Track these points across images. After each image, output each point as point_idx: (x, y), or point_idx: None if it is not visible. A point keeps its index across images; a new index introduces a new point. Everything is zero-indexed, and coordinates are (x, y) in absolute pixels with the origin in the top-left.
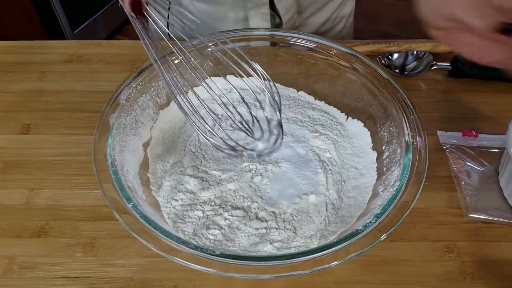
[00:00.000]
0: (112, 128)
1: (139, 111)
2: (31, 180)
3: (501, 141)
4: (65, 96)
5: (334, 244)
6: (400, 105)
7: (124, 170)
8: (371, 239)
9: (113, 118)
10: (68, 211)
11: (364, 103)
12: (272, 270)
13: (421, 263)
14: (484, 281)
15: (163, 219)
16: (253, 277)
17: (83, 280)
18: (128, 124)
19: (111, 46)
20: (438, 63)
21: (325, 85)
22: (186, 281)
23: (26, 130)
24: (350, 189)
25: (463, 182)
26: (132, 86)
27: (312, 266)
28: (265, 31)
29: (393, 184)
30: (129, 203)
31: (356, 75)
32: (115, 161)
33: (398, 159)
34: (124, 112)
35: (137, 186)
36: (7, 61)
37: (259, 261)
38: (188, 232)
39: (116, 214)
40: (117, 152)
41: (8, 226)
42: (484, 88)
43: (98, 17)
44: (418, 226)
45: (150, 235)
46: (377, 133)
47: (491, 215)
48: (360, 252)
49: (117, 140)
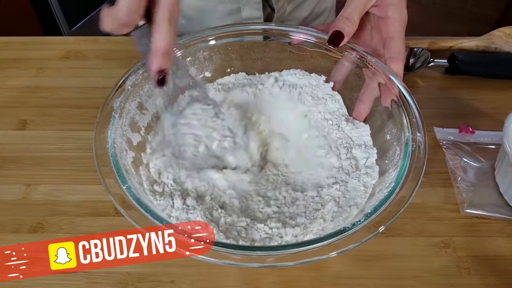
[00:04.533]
0: (115, 111)
1: (144, 98)
2: (28, 175)
3: (498, 138)
4: (62, 92)
5: (329, 236)
6: (401, 101)
7: (124, 154)
8: (368, 232)
9: (118, 102)
10: (65, 206)
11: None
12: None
13: (417, 258)
14: (480, 276)
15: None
16: (239, 265)
17: (80, 275)
18: (132, 109)
19: (108, 42)
20: (435, 60)
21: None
22: (183, 276)
23: (23, 126)
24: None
25: (459, 178)
26: (139, 72)
27: (309, 257)
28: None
29: (388, 185)
30: (123, 185)
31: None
32: (114, 144)
33: (396, 160)
34: (129, 97)
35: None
36: (4, 57)
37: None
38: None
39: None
40: (118, 136)
41: (5, 222)
42: (480, 85)
43: (95, 15)
44: (414, 221)
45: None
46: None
47: (487, 211)
48: (357, 244)
49: (119, 124)
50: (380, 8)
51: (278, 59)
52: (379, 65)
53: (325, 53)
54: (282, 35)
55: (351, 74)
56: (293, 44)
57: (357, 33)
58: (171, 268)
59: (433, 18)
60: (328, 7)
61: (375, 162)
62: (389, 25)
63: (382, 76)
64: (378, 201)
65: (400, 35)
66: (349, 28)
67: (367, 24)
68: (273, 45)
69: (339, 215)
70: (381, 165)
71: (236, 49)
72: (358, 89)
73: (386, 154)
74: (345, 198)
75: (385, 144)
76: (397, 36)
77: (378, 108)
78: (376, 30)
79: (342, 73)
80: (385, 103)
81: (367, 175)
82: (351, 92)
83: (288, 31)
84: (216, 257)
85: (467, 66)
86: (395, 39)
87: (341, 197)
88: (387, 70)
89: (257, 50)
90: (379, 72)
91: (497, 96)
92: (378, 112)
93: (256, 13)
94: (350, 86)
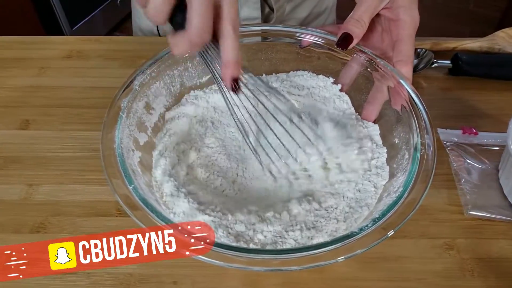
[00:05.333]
0: (122, 111)
1: (151, 98)
2: (30, 175)
3: (501, 139)
4: (64, 92)
5: (338, 240)
6: (410, 105)
7: (130, 154)
8: (377, 235)
9: (125, 102)
10: (67, 206)
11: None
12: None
13: (421, 260)
14: (484, 278)
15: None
16: (242, 268)
17: (82, 275)
18: (139, 109)
19: (110, 42)
20: (439, 61)
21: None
22: (185, 277)
23: (25, 125)
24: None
25: (463, 180)
26: (147, 72)
27: (314, 261)
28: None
29: (396, 190)
30: (130, 185)
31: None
32: (121, 144)
33: (405, 165)
34: (136, 97)
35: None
36: (6, 57)
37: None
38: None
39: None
40: (125, 135)
41: (7, 222)
42: (484, 86)
43: (97, 14)
44: (418, 223)
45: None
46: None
47: (491, 213)
48: (366, 249)
49: (126, 124)
50: (391, 10)
51: (285, 60)
52: (388, 68)
53: (333, 55)
54: (289, 36)
55: (359, 76)
56: (303, 47)
57: (367, 35)
58: (173, 269)
59: (435, 19)
60: (328, 7)
61: (386, 162)
62: (399, 27)
63: (391, 80)
64: (386, 205)
65: (410, 38)
66: (358, 30)
67: (377, 26)
68: (280, 47)
69: (351, 215)
70: (390, 168)
71: (244, 50)
72: (367, 92)
73: (394, 158)
74: (357, 199)
75: (394, 148)
76: (407, 39)
77: (387, 111)
78: (386, 33)
79: (351, 76)
80: (396, 107)
81: (377, 176)
82: (359, 94)
83: (295, 32)
84: (222, 260)
85: (470, 67)
86: (405, 42)
87: (352, 198)
88: (397, 74)
89: (264, 51)
90: (388, 75)
91: (501, 97)
92: (387, 115)
93: (255, 13)
94: (359, 88)
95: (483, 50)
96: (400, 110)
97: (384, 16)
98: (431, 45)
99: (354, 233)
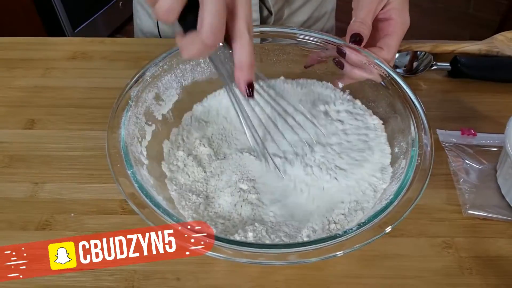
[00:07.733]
0: (131, 100)
1: (162, 89)
2: (36, 174)
3: (499, 140)
4: (69, 92)
5: (337, 236)
6: (407, 103)
7: (135, 141)
8: (374, 232)
9: (135, 91)
10: (72, 204)
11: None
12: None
13: (420, 258)
14: (482, 277)
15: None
16: (234, 259)
17: (87, 272)
18: (148, 99)
19: (114, 43)
20: (438, 64)
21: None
22: (189, 274)
23: (30, 125)
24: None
25: (461, 180)
26: (159, 65)
27: (316, 255)
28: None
29: (388, 197)
30: (129, 170)
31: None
32: (127, 134)
33: (399, 174)
34: (147, 87)
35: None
36: (11, 57)
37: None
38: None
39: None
40: (131, 123)
41: (14, 219)
42: (482, 88)
43: (99, 16)
44: (417, 222)
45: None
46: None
47: (489, 212)
48: (363, 243)
49: (134, 112)
50: (384, 11)
51: (295, 62)
52: (363, 52)
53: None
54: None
55: (366, 86)
56: (307, 67)
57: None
58: (176, 266)
59: (434, 22)
60: (327, 11)
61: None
62: (390, 26)
63: (363, 58)
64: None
65: (398, 36)
66: (365, 31)
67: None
68: (289, 49)
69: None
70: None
71: (257, 51)
72: (373, 100)
73: (393, 165)
74: (355, 202)
75: (393, 156)
76: (395, 36)
77: (390, 120)
78: (376, 31)
79: (317, 54)
80: (371, 76)
81: (378, 180)
82: (366, 102)
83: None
84: (223, 254)
85: (469, 70)
86: (391, 37)
87: (352, 201)
88: (370, 55)
89: (276, 53)
90: (361, 55)
91: (499, 99)
92: (390, 123)
93: (253, 15)
94: (365, 96)
95: (481, 53)
96: (381, 80)
97: (377, 17)
98: (431, 47)
99: (353, 229)
